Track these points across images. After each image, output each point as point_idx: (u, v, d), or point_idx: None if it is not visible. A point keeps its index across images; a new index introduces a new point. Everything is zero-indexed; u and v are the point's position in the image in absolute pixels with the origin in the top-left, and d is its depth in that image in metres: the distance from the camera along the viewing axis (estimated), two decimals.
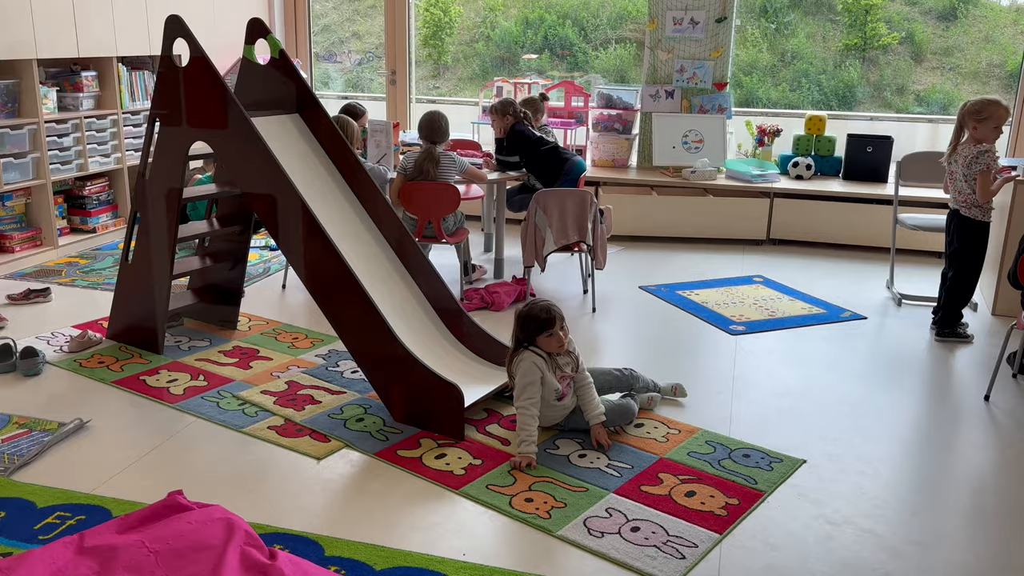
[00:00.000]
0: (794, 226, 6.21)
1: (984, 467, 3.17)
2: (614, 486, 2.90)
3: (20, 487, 2.82)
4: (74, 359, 3.87)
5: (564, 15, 11.27)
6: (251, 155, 3.36)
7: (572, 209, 4.55)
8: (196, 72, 3.42)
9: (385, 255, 3.75)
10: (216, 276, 4.25)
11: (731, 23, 6.57)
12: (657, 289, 5.13)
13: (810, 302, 4.93)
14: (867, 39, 10.19)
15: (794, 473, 3.01)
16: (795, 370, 3.96)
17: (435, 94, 11.15)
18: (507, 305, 4.68)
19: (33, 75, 5.12)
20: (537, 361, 3.15)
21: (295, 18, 7.54)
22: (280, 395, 3.55)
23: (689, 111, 6.70)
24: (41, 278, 5.02)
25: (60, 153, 5.43)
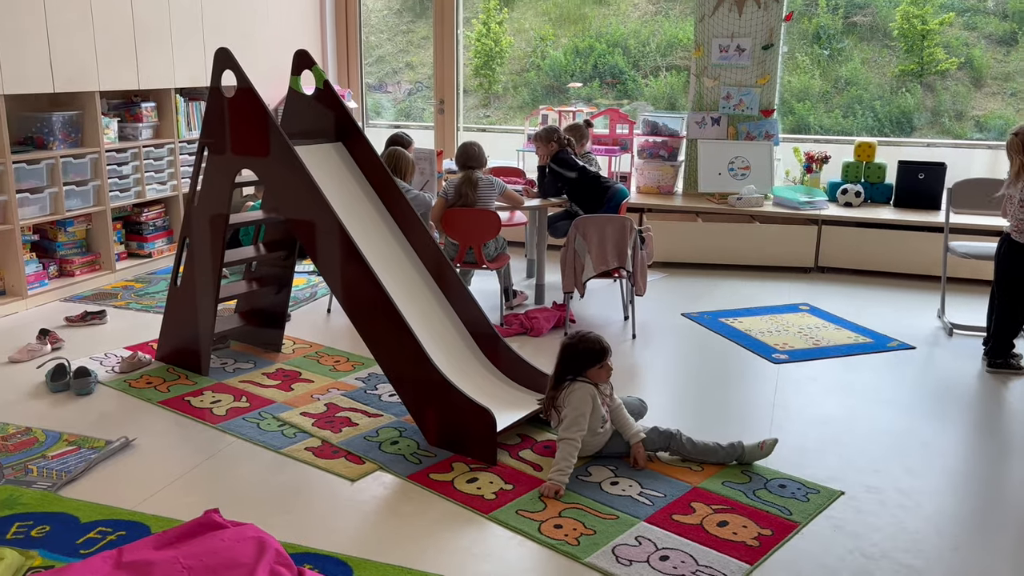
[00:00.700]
0: (842, 254, 6.11)
1: None
2: (645, 514, 2.88)
3: (65, 502, 2.91)
4: (124, 379, 4.00)
5: (614, 44, 11.34)
6: (293, 182, 3.45)
7: (612, 235, 4.56)
8: (242, 102, 3.54)
9: (423, 281, 3.80)
10: (262, 300, 4.35)
11: (778, 50, 6.53)
12: (699, 316, 5.09)
13: (857, 331, 4.84)
14: (924, 64, 10.04)
15: (831, 504, 2.95)
16: (837, 400, 3.88)
17: (485, 122, 11.29)
18: (546, 331, 4.69)
19: (96, 106, 5.33)
20: (592, 392, 3.16)
21: (347, 49, 7.73)
22: (319, 417, 3.61)
23: (736, 138, 6.67)
24: (98, 301, 5.20)
25: (119, 181, 5.64)
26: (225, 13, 6.26)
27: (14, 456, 3.24)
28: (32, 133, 5.19)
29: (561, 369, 3.23)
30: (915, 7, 9.90)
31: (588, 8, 11.83)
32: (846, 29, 10.66)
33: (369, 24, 12.19)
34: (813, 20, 10.57)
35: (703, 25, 6.63)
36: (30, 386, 3.90)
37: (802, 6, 10.84)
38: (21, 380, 3.96)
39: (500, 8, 11.48)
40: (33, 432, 3.43)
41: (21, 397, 3.79)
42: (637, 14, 11.61)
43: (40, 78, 4.92)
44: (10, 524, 2.78)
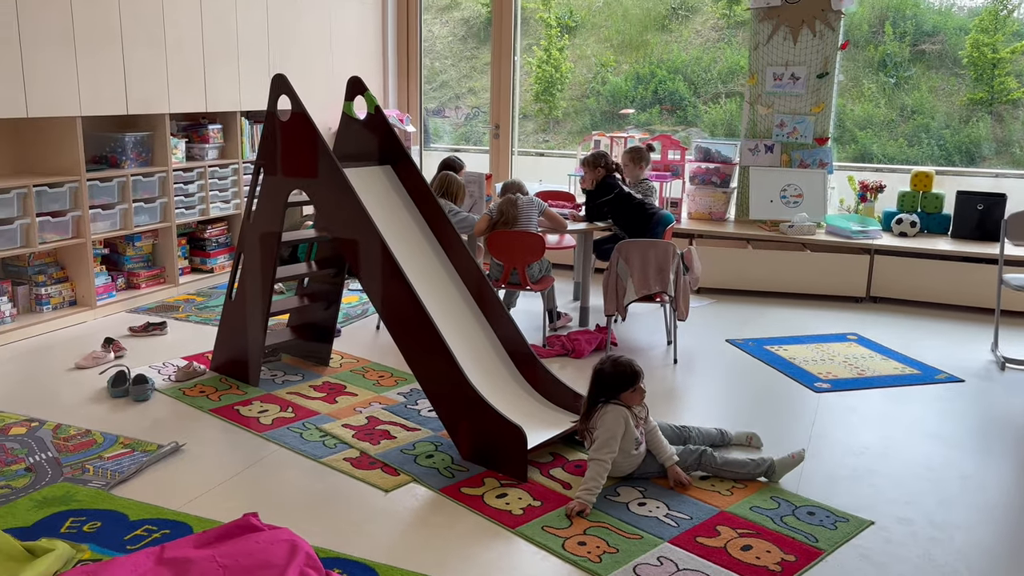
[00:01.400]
0: (896, 284, 6.02)
1: None
2: (669, 535, 2.91)
3: (117, 501, 3.08)
4: (179, 388, 4.19)
5: (675, 70, 11.39)
6: (340, 202, 3.61)
7: (654, 259, 4.60)
8: (295, 126, 3.72)
9: (464, 300, 3.91)
10: (312, 315, 4.51)
11: (833, 78, 6.51)
12: (744, 343, 5.07)
13: (904, 362, 4.77)
14: (994, 93, 9.83)
15: (859, 534, 2.94)
16: (877, 431, 3.84)
17: (544, 147, 11.44)
18: (587, 353, 4.75)
19: (165, 128, 5.62)
20: (625, 415, 3.22)
21: (407, 75, 7.95)
22: (359, 429, 3.73)
23: (789, 165, 6.64)
24: (160, 313, 5.45)
25: (185, 199, 5.91)
26: (290, 41, 6.52)
27: (74, 456, 3.43)
28: (106, 152, 5.50)
29: (594, 393, 3.29)
30: (986, 35, 9.72)
31: (650, 35, 11.91)
32: (914, 57, 10.51)
33: (434, 51, 12.50)
34: (879, 48, 10.46)
35: (757, 53, 6.65)
36: (92, 391, 4.11)
37: (868, 33, 10.73)
38: (85, 385, 4.19)
39: (561, 35, 11.65)
40: (92, 434, 3.63)
41: (84, 401, 4.01)
42: (699, 41, 11.64)
43: (115, 101, 5.21)
44: (65, 519, 2.95)
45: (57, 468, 3.32)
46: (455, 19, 12.60)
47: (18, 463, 3.35)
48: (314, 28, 6.78)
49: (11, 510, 2.99)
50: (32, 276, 5.09)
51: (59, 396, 4.07)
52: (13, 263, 5.10)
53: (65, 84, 4.88)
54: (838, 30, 6.43)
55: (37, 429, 3.67)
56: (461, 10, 12.56)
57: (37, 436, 3.60)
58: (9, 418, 3.78)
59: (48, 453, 3.44)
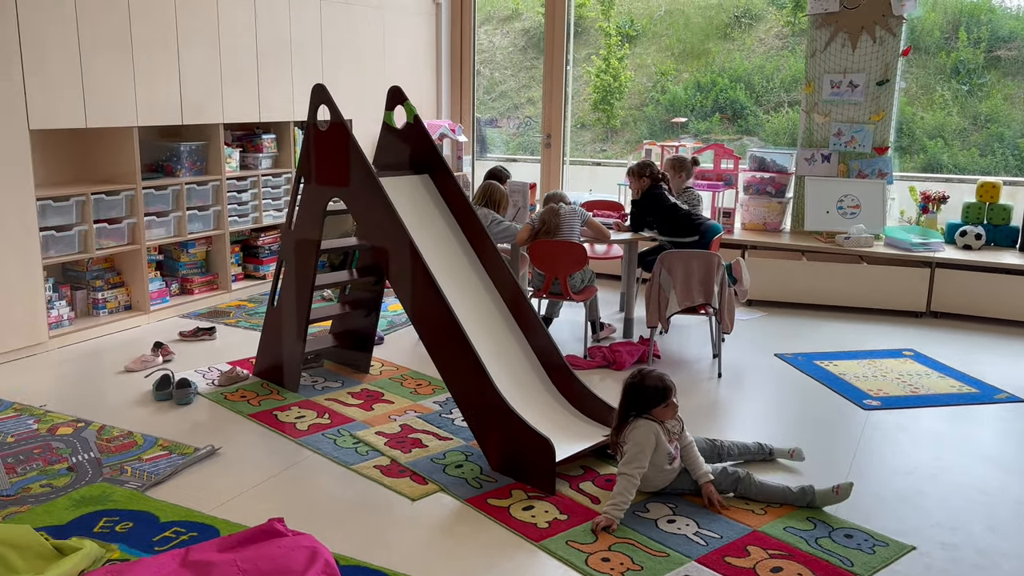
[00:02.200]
0: (958, 299, 5.78)
1: None
2: (697, 554, 2.83)
3: (150, 502, 3.14)
4: (221, 392, 4.26)
5: (737, 78, 11.22)
6: (374, 210, 3.63)
7: (697, 271, 4.51)
8: (333, 135, 3.75)
9: (498, 310, 3.88)
10: (353, 322, 4.55)
11: (894, 86, 6.30)
12: (793, 358, 4.93)
13: (962, 380, 4.57)
14: None
15: (898, 559, 2.81)
16: (926, 451, 3.68)
17: (601, 156, 11.39)
18: (628, 364, 4.67)
19: (219, 138, 5.75)
20: (656, 430, 3.15)
21: (460, 86, 7.99)
22: (392, 437, 3.73)
23: (847, 175, 6.45)
24: (211, 318, 5.56)
25: (238, 207, 6.04)
26: (343, 51, 6.62)
27: (115, 457, 3.51)
28: (162, 161, 5.65)
29: (625, 406, 3.22)
30: None
31: (712, 43, 11.76)
32: (988, 63, 10.13)
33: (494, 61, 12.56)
34: (952, 54, 10.12)
35: (814, 60, 6.48)
36: (138, 394, 4.21)
37: (940, 40, 10.39)
38: (131, 388, 4.29)
39: (621, 44, 11.59)
40: (134, 436, 3.71)
41: (129, 403, 4.11)
42: (763, 49, 11.45)
43: (170, 111, 5.36)
44: (99, 518, 3.02)
45: (97, 468, 3.40)
46: (516, 30, 12.65)
47: (61, 462, 3.45)
48: (368, 39, 6.87)
49: (49, 508, 3.07)
50: (90, 281, 5.26)
51: (106, 398, 4.18)
52: (72, 268, 5.27)
53: (122, 95, 5.03)
54: (899, 36, 6.23)
55: (83, 430, 3.77)
56: (522, 20, 12.61)
57: (82, 436, 3.70)
58: (58, 418, 3.89)
59: (91, 453, 3.53)
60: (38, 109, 4.60)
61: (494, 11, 12.89)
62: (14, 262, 4.57)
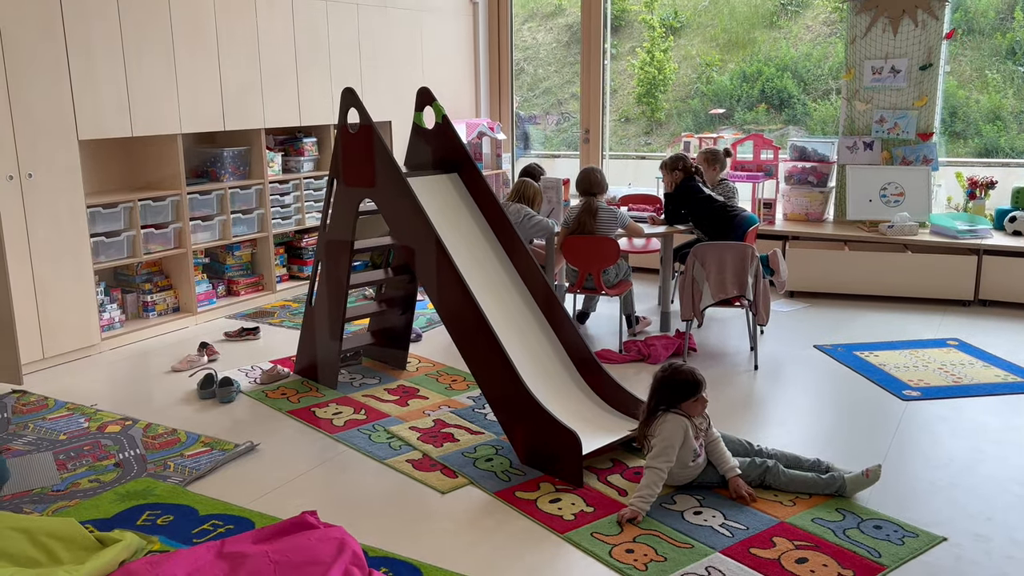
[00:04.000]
0: (1007, 286, 5.63)
1: None
2: (722, 545, 2.83)
3: (190, 496, 3.25)
4: (263, 390, 4.38)
5: (783, 67, 11.06)
6: (402, 209, 3.70)
7: (731, 263, 4.48)
8: (362, 137, 3.83)
9: (527, 306, 3.92)
10: (389, 320, 4.63)
11: (938, 70, 6.16)
12: (832, 349, 4.87)
13: (1009, 369, 4.46)
14: None
15: (928, 550, 2.77)
16: (964, 442, 3.61)
17: (646, 150, 11.33)
18: (664, 358, 4.67)
19: (261, 142, 5.90)
20: (685, 424, 3.16)
21: (499, 84, 8.04)
22: (425, 432, 3.80)
23: (890, 163, 6.33)
24: (256, 318, 5.71)
25: (282, 209, 6.18)
26: (381, 53, 6.72)
27: (159, 453, 3.65)
28: (206, 167, 5.82)
29: (655, 401, 3.23)
30: None
31: (758, 32, 11.60)
32: None
33: (538, 58, 12.59)
34: (1007, 35, 9.82)
35: (854, 47, 6.37)
36: (183, 393, 4.36)
37: (996, 20, 10.10)
38: (177, 387, 4.44)
39: (666, 36, 11.51)
40: (178, 433, 3.85)
41: (174, 402, 4.25)
42: (810, 36, 11.26)
43: (212, 117, 5.51)
44: (142, 512, 3.14)
45: (142, 464, 3.54)
46: (559, 25, 12.65)
47: (109, 459, 3.59)
48: (405, 41, 6.96)
49: (96, 503, 3.21)
50: (139, 284, 5.45)
51: (153, 397, 4.34)
52: (122, 272, 5.46)
53: (166, 103, 5.20)
54: (942, 18, 6.08)
55: (130, 427, 3.92)
56: (565, 16, 12.60)
57: (129, 434, 3.85)
58: (108, 417, 4.05)
59: (136, 450, 3.67)
60: (86, 120, 4.78)
61: (537, 8, 12.91)
62: (67, 268, 4.76)
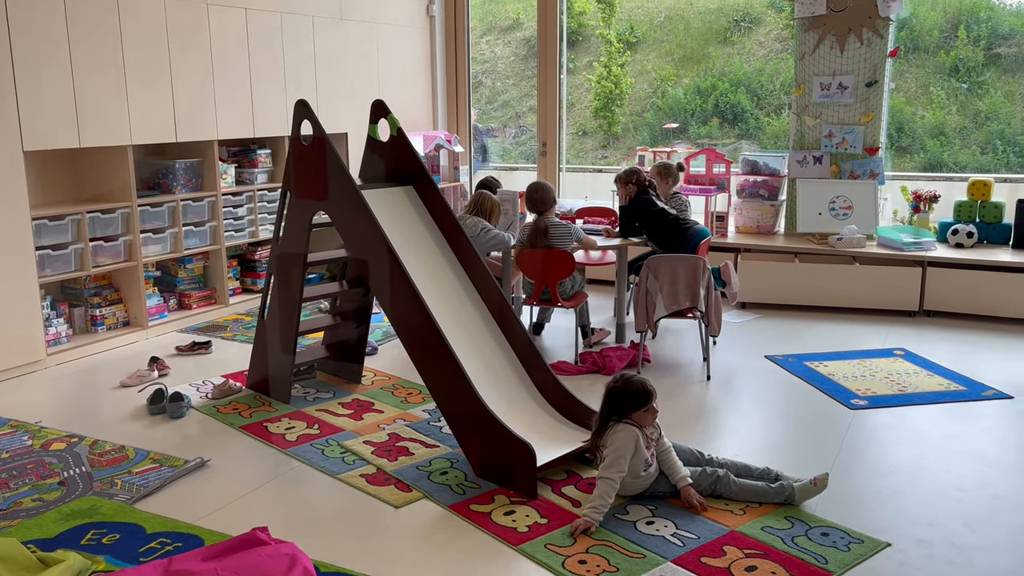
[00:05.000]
0: (951, 297, 5.78)
1: None
2: (673, 555, 2.86)
3: (137, 514, 3.19)
4: (214, 405, 4.32)
5: (737, 82, 11.25)
6: (355, 222, 3.69)
7: (683, 275, 4.54)
8: (315, 149, 3.82)
9: (482, 318, 3.93)
10: (343, 333, 4.60)
11: (883, 87, 6.32)
12: (783, 359, 4.95)
13: (951, 378, 4.58)
14: None
15: (873, 556, 2.83)
16: (908, 450, 3.69)
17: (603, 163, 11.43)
18: (618, 369, 4.70)
19: (214, 154, 5.84)
20: (636, 434, 3.18)
21: (456, 96, 8.06)
22: (379, 446, 3.78)
23: (838, 177, 6.47)
24: (209, 332, 5.63)
25: (235, 222, 6.12)
26: (336, 65, 6.70)
27: (106, 470, 3.58)
28: (158, 178, 5.74)
29: (606, 412, 3.26)
30: None
31: (712, 48, 11.80)
32: (988, 61, 10.13)
33: (496, 71, 12.65)
34: (951, 53, 10.12)
35: (803, 63, 6.51)
36: (132, 408, 4.28)
37: (940, 39, 10.39)
38: (126, 403, 4.36)
39: (623, 51, 11.64)
40: (126, 450, 3.78)
41: (123, 418, 4.17)
42: (762, 52, 11.48)
43: (164, 129, 5.44)
44: (87, 531, 3.07)
45: (88, 482, 3.47)
46: (517, 39, 12.73)
47: (53, 477, 3.51)
48: (361, 53, 6.94)
49: (39, 522, 3.13)
50: (87, 298, 5.34)
51: (101, 413, 4.25)
52: (70, 286, 5.35)
53: (115, 114, 5.12)
54: (887, 37, 6.25)
55: (76, 445, 3.84)
56: (523, 30, 12.69)
57: (75, 451, 3.76)
58: (52, 434, 3.96)
59: (82, 468, 3.60)
60: (32, 130, 4.69)
61: (495, 21, 12.99)
62: (10, 282, 4.66)
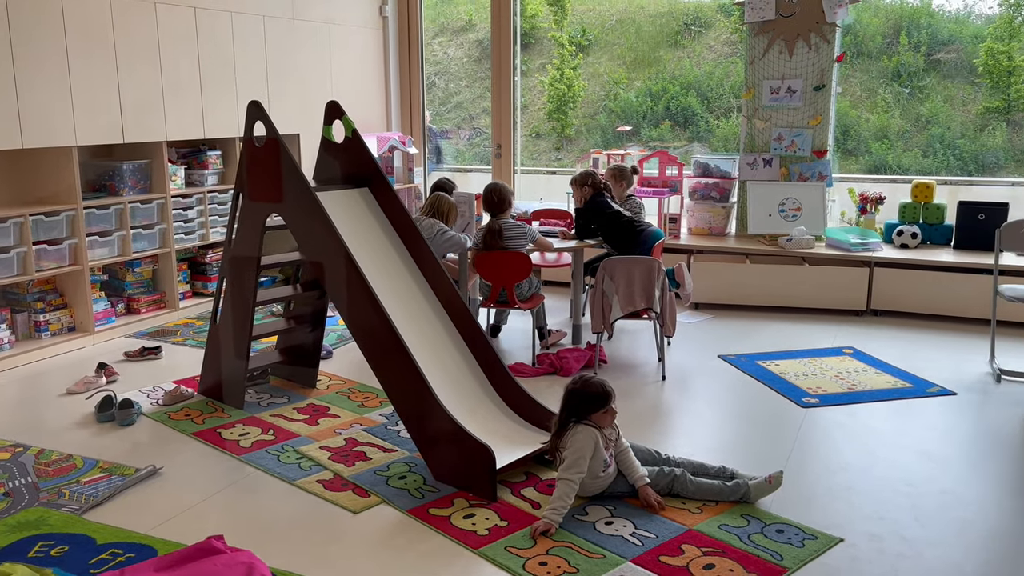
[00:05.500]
0: (896, 297, 5.93)
1: None
2: (632, 554, 2.88)
3: (87, 525, 3.11)
4: (166, 411, 4.24)
5: (688, 85, 11.39)
6: (310, 224, 3.65)
7: (639, 276, 4.58)
8: (269, 151, 3.77)
9: (440, 320, 3.92)
10: (298, 337, 4.55)
11: (830, 91, 6.45)
12: (736, 359, 5.02)
13: (897, 375, 4.69)
14: (1011, 101, 9.71)
15: (826, 551, 2.89)
16: (859, 446, 3.78)
17: (557, 165, 11.48)
18: (575, 370, 4.73)
19: (163, 155, 5.72)
20: (595, 435, 3.20)
21: (410, 98, 8.02)
22: (336, 451, 3.74)
23: (788, 179, 6.59)
24: (159, 337, 5.52)
25: (185, 224, 6.00)
26: (288, 66, 6.62)
27: (53, 480, 3.48)
28: (104, 180, 5.60)
29: (566, 413, 3.27)
30: (1001, 43, 9.61)
31: (663, 51, 11.93)
32: (929, 66, 10.42)
33: (449, 72, 12.62)
34: (893, 58, 10.38)
35: (753, 67, 6.62)
36: (80, 416, 4.17)
37: (883, 44, 10.66)
38: (73, 410, 4.25)
39: (575, 54, 11.71)
40: (73, 459, 3.68)
41: (70, 426, 4.06)
42: (712, 56, 11.64)
43: (111, 130, 5.32)
44: (35, 543, 2.99)
45: (34, 493, 3.37)
46: (470, 40, 12.73)
47: None
48: (314, 53, 6.87)
49: None
50: (31, 303, 5.19)
51: (47, 421, 4.14)
52: (12, 290, 5.20)
53: (59, 114, 4.99)
54: (833, 42, 6.39)
55: (21, 454, 3.73)
56: (475, 31, 12.69)
57: (20, 461, 3.66)
58: None
59: (28, 478, 3.49)
60: None
61: (447, 22, 12.96)
62: None
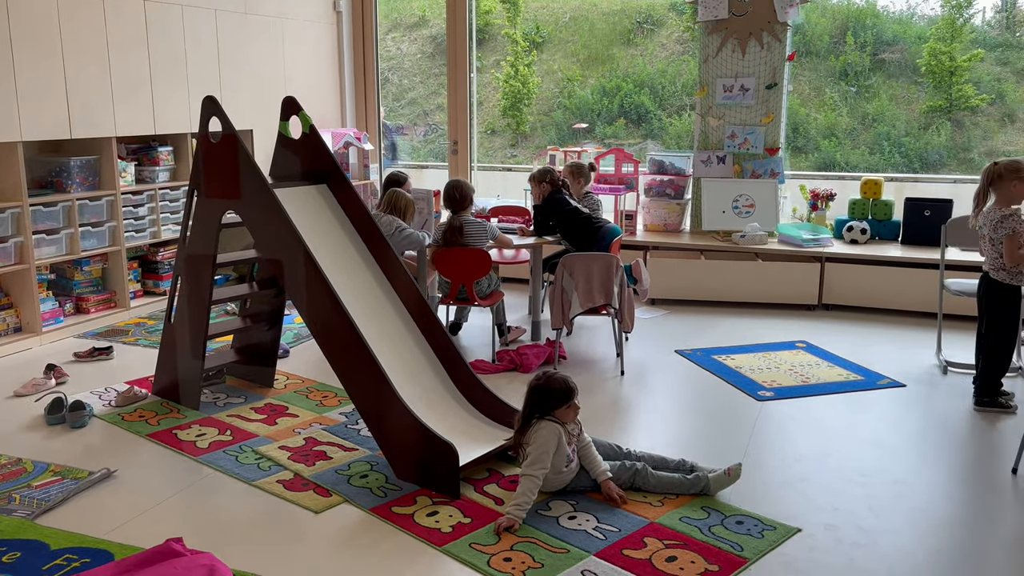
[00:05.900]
0: (846, 291, 6.07)
1: (993, 546, 3.01)
2: (596, 548, 2.90)
3: (40, 530, 3.04)
4: (119, 413, 4.15)
5: (641, 83, 11.48)
6: (268, 221, 3.60)
7: (597, 273, 4.61)
8: (225, 147, 3.71)
9: (400, 317, 3.90)
10: (254, 336, 4.49)
11: (782, 89, 6.57)
12: (692, 353, 5.09)
13: (849, 368, 4.80)
14: (953, 101, 9.98)
15: (785, 542, 2.94)
16: (813, 438, 3.86)
17: (512, 162, 11.49)
18: (535, 367, 4.74)
19: (112, 151, 5.59)
20: (559, 431, 3.21)
21: (365, 94, 7.96)
22: (296, 451, 3.70)
23: (741, 176, 6.69)
24: (109, 337, 5.40)
25: (135, 222, 5.88)
26: (241, 61, 6.52)
27: (2, 485, 3.38)
28: (52, 177, 5.46)
29: (529, 409, 3.28)
30: (943, 44, 9.86)
31: (616, 49, 12.00)
32: (874, 66, 10.65)
33: (402, 68, 12.54)
34: (840, 57, 10.60)
35: (707, 66, 6.70)
36: (29, 419, 4.07)
37: (830, 44, 10.87)
38: (21, 413, 4.14)
39: (529, 51, 11.72)
40: (23, 463, 3.58)
41: (19, 429, 3.96)
42: (664, 54, 11.75)
43: (58, 125, 5.18)
44: None
45: None
46: (423, 36, 12.66)
47: None
48: (266, 48, 6.78)
49: None
50: None
51: None
52: None
53: (4, 109, 4.85)
54: (785, 41, 6.50)
55: None
56: (429, 27, 12.63)
57: None
58: None
59: None
60: None
61: (401, 18, 12.88)
62: None
